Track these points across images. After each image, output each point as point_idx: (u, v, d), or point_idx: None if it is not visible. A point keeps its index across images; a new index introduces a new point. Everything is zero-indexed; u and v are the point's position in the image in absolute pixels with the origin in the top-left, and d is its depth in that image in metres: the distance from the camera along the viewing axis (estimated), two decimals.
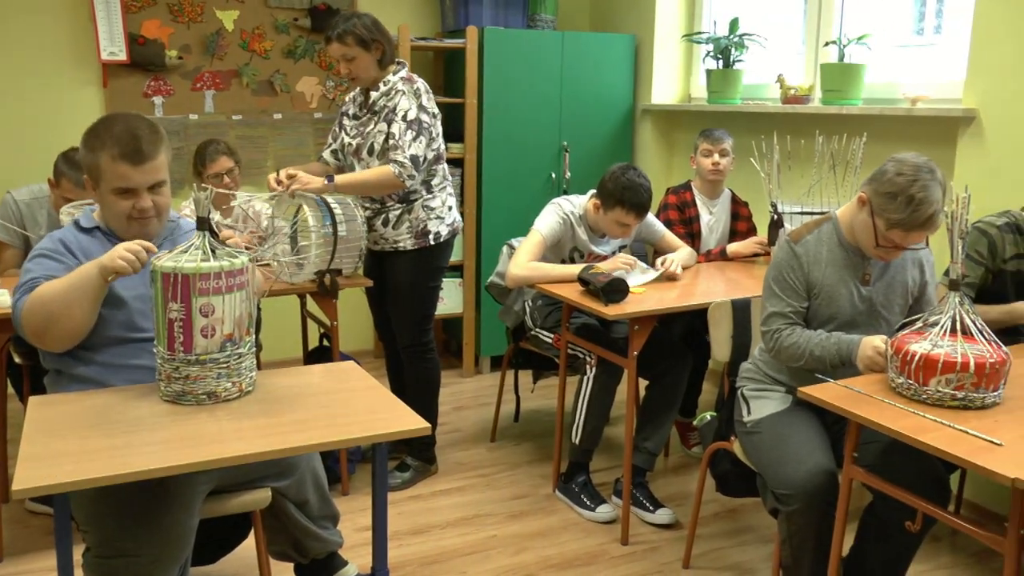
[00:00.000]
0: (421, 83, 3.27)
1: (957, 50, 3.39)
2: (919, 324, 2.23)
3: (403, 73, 3.28)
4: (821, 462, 2.32)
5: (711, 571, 2.96)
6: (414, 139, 3.17)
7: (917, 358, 2.07)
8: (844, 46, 3.81)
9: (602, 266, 3.21)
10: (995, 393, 2.08)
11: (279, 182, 3.07)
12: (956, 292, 2.16)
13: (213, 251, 2.02)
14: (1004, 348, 2.11)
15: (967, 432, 1.92)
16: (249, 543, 2.42)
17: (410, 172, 3.15)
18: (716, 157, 3.72)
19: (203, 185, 2.23)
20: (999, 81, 3.18)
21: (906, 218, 2.27)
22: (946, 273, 2.23)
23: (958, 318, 2.13)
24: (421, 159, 3.18)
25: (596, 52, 4.86)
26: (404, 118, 3.18)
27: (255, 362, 2.17)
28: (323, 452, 2.53)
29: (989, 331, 2.13)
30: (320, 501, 2.43)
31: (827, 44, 3.98)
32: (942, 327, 2.13)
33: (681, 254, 3.53)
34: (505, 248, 3.67)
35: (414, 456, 3.57)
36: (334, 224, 3.13)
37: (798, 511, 2.31)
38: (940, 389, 2.06)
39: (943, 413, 2.02)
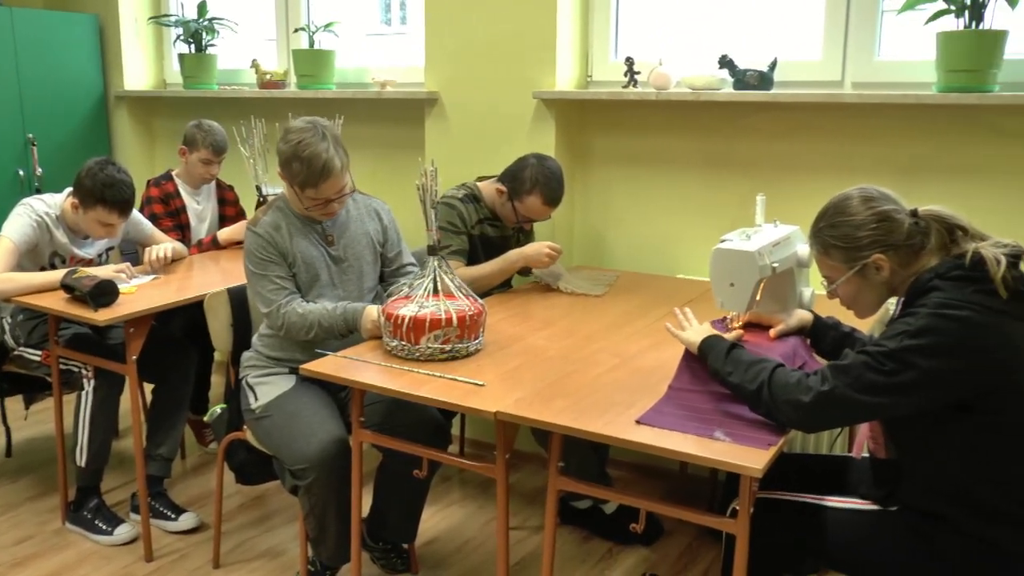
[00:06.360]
0: None
1: (421, 39, 3.67)
2: (405, 290, 2.40)
3: None
4: (331, 431, 2.40)
5: (242, 563, 2.93)
6: None
7: (407, 321, 2.24)
8: (313, 33, 3.95)
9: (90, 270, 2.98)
10: (476, 341, 2.33)
11: None
12: (435, 256, 2.37)
13: None
14: (480, 300, 2.36)
15: (456, 379, 2.13)
16: None
17: None
18: (216, 168, 3.65)
19: None
20: (451, 68, 3.55)
21: (309, 176, 2.44)
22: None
23: (439, 279, 2.34)
24: None
25: (55, 33, 4.47)
26: None
27: None
28: None
29: (466, 288, 2.37)
30: None
31: (296, 31, 4.08)
32: (425, 289, 2.33)
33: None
34: None
35: None
36: None
37: (315, 482, 2.38)
38: (430, 345, 2.24)
39: (436, 366, 2.21)
